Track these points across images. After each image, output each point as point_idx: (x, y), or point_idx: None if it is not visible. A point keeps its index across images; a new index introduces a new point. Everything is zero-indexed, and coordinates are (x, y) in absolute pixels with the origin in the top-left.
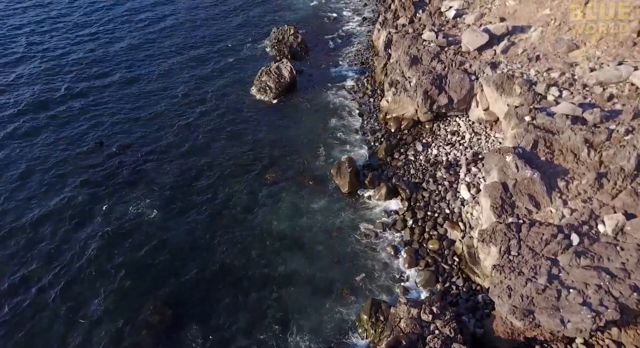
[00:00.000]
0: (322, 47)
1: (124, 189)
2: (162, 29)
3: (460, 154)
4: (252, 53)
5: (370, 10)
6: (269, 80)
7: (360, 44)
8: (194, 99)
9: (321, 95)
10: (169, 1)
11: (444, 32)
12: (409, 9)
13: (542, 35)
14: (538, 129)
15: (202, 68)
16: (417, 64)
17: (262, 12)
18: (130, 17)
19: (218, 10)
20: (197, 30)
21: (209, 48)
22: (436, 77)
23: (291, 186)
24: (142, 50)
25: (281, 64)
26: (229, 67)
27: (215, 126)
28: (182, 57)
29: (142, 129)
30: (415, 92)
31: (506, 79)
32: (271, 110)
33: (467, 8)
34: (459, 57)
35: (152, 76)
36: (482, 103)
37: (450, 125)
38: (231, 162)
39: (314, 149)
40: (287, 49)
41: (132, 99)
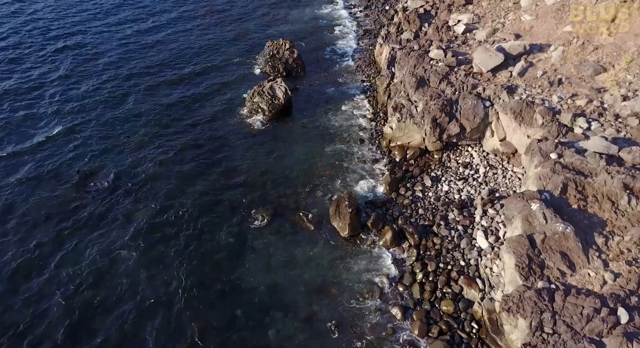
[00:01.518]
0: (319, 62)
1: (94, 227)
2: (149, 42)
3: (474, 191)
4: (244, 69)
5: (372, 21)
6: (261, 102)
7: (361, 60)
8: (180, 121)
9: (318, 118)
10: (156, 12)
11: (452, 50)
12: (414, 23)
13: (564, 56)
14: (567, 169)
15: (189, 85)
16: (424, 86)
17: (257, 24)
18: (115, 29)
19: (209, 22)
20: (186, 43)
21: (198, 62)
22: (446, 103)
23: (284, 228)
24: (127, 66)
25: (275, 83)
26: (219, 84)
27: (201, 155)
28: (168, 72)
29: (121, 157)
30: (423, 119)
31: (525, 107)
32: (263, 135)
33: (477, 22)
34: (470, 79)
35: (137, 95)
36: (497, 132)
37: (461, 156)
38: (218, 198)
39: (310, 182)
40: (281, 65)
41: (114, 122)
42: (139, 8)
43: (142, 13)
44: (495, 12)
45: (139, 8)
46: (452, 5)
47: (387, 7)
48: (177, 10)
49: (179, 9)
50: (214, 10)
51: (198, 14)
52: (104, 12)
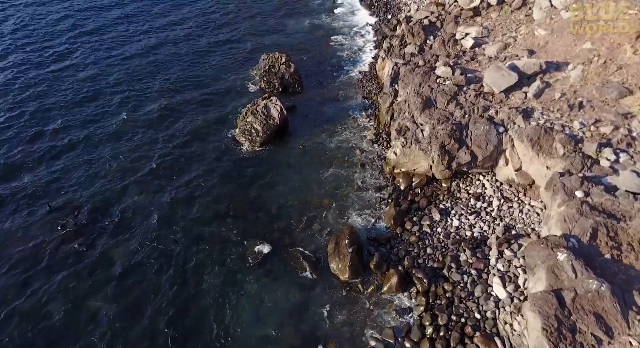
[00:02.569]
0: (317, 77)
1: (64, 272)
2: (134, 53)
3: (487, 228)
4: (237, 84)
5: (373, 31)
6: (255, 122)
7: (362, 73)
8: (166, 142)
9: (316, 139)
10: (144, 20)
11: (461, 66)
12: (418, 36)
13: (584, 76)
14: (596, 211)
15: (177, 102)
16: (431, 108)
17: (252, 35)
18: (98, 40)
19: (200, 32)
20: (175, 55)
21: (187, 76)
22: (455, 127)
23: (277, 268)
24: (109, 79)
25: (270, 102)
26: (209, 101)
27: (188, 183)
28: (154, 86)
29: (99, 187)
30: (430, 145)
31: (543, 134)
32: (256, 159)
33: (486, 36)
34: (481, 101)
35: (118, 113)
36: (512, 161)
37: (472, 186)
38: (205, 233)
39: (306, 213)
40: (277, 80)
41: (92, 146)
42: (124, 17)
43: (128, 22)
44: (505, 25)
45: (124, 17)
46: (459, 17)
47: (389, 16)
48: (166, 19)
49: (167, 18)
50: (206, 20)
51: (188, 24)
52: (85, 23)
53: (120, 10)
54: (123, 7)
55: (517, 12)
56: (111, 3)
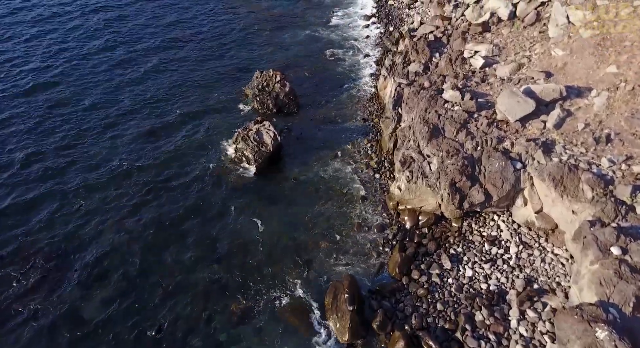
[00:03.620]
0: (314, 96)
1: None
2: (118, 66)
3: (505, 280)
4: (228, 104)
5: (374, 44)
6: (246, 149)
7: (362, 91)
8: (146, 172)
9: (312, 167)
10: (129, 32)
11: (470, 89)
12: (423, 52)
13: (610, 104)
14: (638, 274)
15: (159, 124)
16: (439, 137)
17: (245, 49)
18: (81, 58)
19: (190, 45)
20: (163, 70)
21: (172, 93)
22: (467, 162)
23: (268, 326)
24: (89, 98)
25: (262, 127)
26: (197, 124)
27: (171, 221)
28: (135, 103)
29: (71, 226)
30: (439, 182)
31: (567, 172)
32: (247, 192)
33: (497, 55)
34: (494, 130)
35: (100, 136)
36: (532, 202)
37: (486, 226)
38: (186, 282)
39: (301, 257)
40: (271, 101)
41: (62, 176)
42: (111, 32)
43: (113, 38)
44: (518, 42)
45: (111, 32)
46: (466, 33)
47: (391, 28)
48: (152, 32)
49: (153, 31)
50: (195, 33)
51: (176, 37)
52: (71, 39)
53: (103, 23)
54: (106, 20)
55: (531, 29)
56: (92, 17)
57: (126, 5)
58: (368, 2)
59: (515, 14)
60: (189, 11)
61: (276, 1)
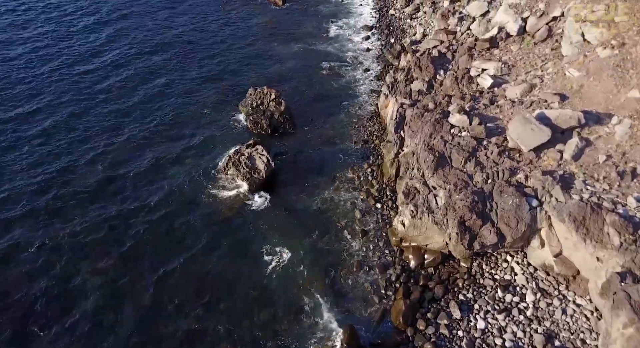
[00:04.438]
0: (311, 114)
1: None
2: (103, 86)
3: (522, 334)
4: (220, 123)
5: (374, 57)
6: (237, 175)
7: (362, 110)
8: (124, 202)
9: (308, 195)
10: (109, 43)
11: (478, 112)
12: (427, 70)
13: (633, 133)
14: None
15: (145, 145)
16: (445, 166)
17: (239, 63)
18: (53, 68)
19: (179, 60)
20: (148, 85)
21: (161, 112)
22: (476, 198)
23: None
24: (63, 111)
25: (255, 151)
26: (185, 145)
27: (150, 259)
28: (122, 121)
29: (28, 264)
30: (446, 219)
31: (590, 213)
32: (237, 225)
33: (507, 74)
34: (506, 160)
35: (81, 159)
36: (551, 244)
37: (498, 268)
38: (167, 332)
39: (294, 303)
40: (266, 120)
41: (35, 212)
42: (90, 42)
43: (92, 47)
44: (528, 60)
45: (90, 42)
46: (473, 49)
47: (392, 40)
48: (137, 42)
49: (139, 42)
50: (186, 46)
51: (165, 49)
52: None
53: (94, 36)
54: (93, 33)
55: (542, 45)
56: (78, 31)
57: (113, 20)
58: (367, 12)
59: (524, 29)
60: (180, 22)
61: (272, 12)
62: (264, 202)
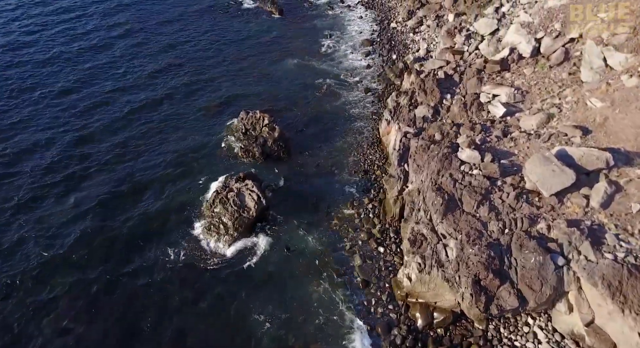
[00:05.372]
0: (307, 140)
1: None
2: (72, 96)
3: None
4: (207, 150)
5: (375, 75)
6: (224, 214)
7: (362, 134)
8: (101, 249)
9: (303, 234)
10: (94, 60)
11: (491, 146)
12: (432, 93)
13: None
14: None
15: (121, 176)
16: (455, 210)
17: (232, 79)
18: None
19: (167, 76)
20: (126, 102)
21: (140, 135)
22: (493, 252)
23: None
24: (32, 138)
25: (245, 186)
26: (168, 175)
27: (126, 317)
28: (98, 145)
29: None
30: (458, 275)
31: (627, 276)
32: (223, 270)
33: (521, 101)
34: (524, 206)
35: (48, 192)
36: (581, 311)
37: (518, 334)
38: None
39: None
40: (258, 148)
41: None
42: (69, 53)
43: (72, 63)
44: (544, 85)
45: (69, 53)
46: (482, 71)
47: (393, 56)
48: (122, 54)
49: (123, 55)
50: (175, 59)
51: (151, 63)
52: (48, 73)
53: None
54: (75, 46)
55: (558, 69)
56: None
57: (103, 37)
58: (367, 25)
59: (538, 51)
60: (169, 35)
61: (267, 23)
62: (252, 245)
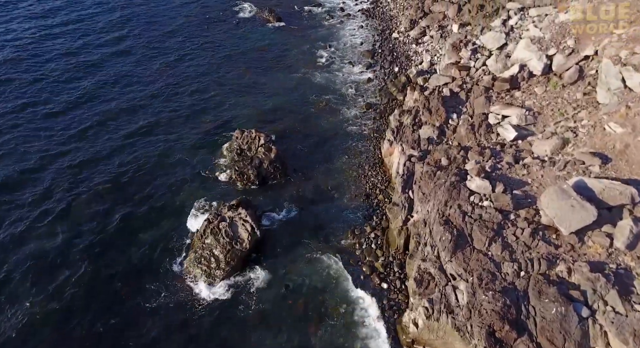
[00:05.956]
0: (305, 160)
1: None
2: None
3: None
4: (198, 171)
5: (377, 89)
6: (215, 246)
7: (363, 154)
8: (77, 287)
9: (300, 270)
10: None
11: (502, 174)
12: (438, 113)
13: None
14: None
15: (104, 200)
16: (465, 248)
17: (226, 94)
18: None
19: (157, 90)
20: (112, 120)
21: (125, 157)
22: (508, 300)
23: None
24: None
25: (238, 216)
26: (153, 200)
27: None
28: (83, 178)
29: None
30: (470, 324)
31: None
32: (214, 310)
33: (532, 124)
34: (541, 244)
35: (37, 219)
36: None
37: None
38: None
39: None
40: (253, 171)
41: None
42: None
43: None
44: (557, 106)
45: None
46: (490, 90)
47: (395, 68)
48: (116, 70)
49: (117, 70)
50: (166, 71)
51: (141, 76)
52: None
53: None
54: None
55: (572, 88)
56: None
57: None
58: (367, 36)
59: (550, 68)
60: (161, 44)
61: (264, 33)
62: (245, 281)
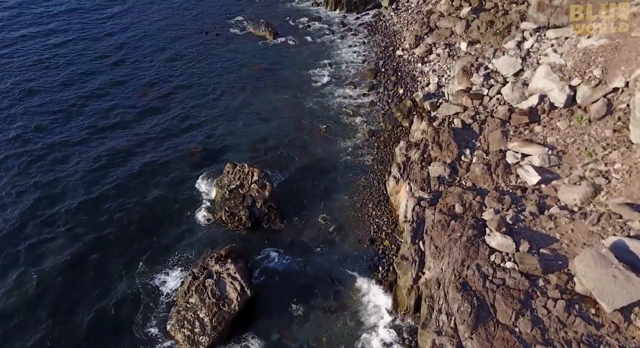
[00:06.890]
0: (304, 198)
1: None
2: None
3: None
4: (182, 211)
5: (380, 112)
6: (200, 308)
7: (367, 190)
8: None
9: (295, 334)
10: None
11: (525, 226)
12: (449, 148)
13: None
14: None
15: (75, 249)
16: (488, 322)
17: (217, 118)
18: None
19: (142, 110)
20: (92, 144)
21: (99, 193)
22: None
23: None
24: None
25: (225, 272)
26: (131, 249)
27: None
28: (56, 213)
29: None
30: None
31: None
32: None
33: (557, 165)
34: (578, 321)
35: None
36: None
37: None
38: None
39: None
40: (245, 211)
41: None
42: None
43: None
44: (584, 145)
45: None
46: (507, 122)
47: (400, 89)
48: (99, 87)
49: (99, 87)
50: (154, 93)
51: (126, 96)
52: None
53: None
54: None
55: (600, 124)
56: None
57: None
58: (370, 53)
59: (574, 100)
60: (150, 62)
61: (259, 50)
62: (236, 343)
